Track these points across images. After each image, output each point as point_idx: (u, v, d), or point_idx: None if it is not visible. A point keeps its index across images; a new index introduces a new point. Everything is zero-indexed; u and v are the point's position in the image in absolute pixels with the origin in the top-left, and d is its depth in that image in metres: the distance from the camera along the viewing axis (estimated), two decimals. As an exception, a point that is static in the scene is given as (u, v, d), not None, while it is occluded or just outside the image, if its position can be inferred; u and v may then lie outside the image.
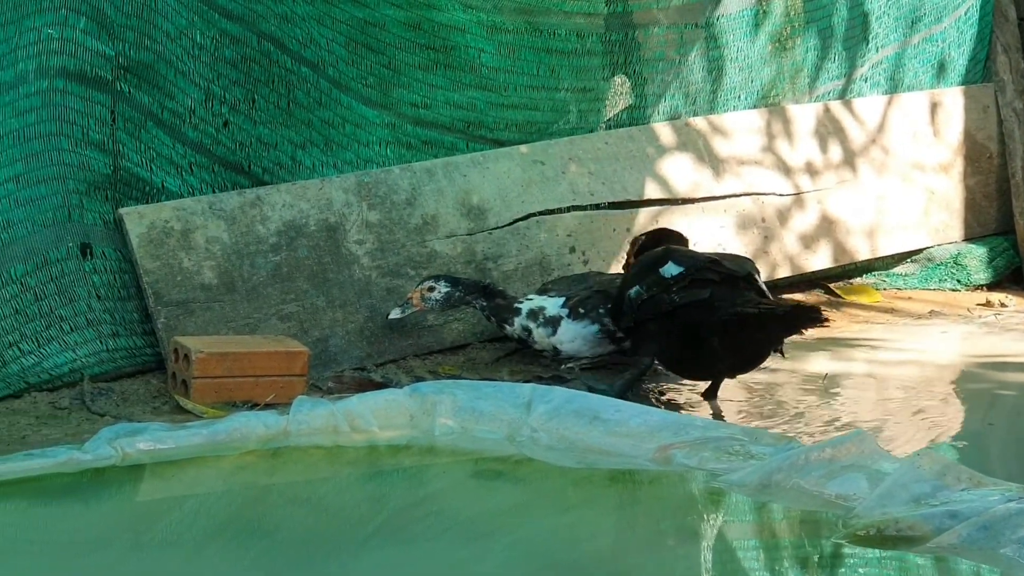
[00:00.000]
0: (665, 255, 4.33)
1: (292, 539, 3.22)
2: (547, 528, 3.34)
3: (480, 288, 4.52)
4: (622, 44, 5.17)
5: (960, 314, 5.37)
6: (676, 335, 4.23)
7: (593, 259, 4.91)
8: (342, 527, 3.36)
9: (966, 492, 3.10)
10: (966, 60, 5.93)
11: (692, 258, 4.30)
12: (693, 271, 4.22)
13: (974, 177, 5.83)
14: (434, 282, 4.48)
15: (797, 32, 5.51)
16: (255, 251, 4.46)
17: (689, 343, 4.23)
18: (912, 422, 4.22)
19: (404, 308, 4.49)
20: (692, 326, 4.20)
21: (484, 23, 4.89)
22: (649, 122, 5.23)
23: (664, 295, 4.22)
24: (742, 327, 4.16)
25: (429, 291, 4.47)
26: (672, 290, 4.21)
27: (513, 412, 3.75)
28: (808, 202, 5.43)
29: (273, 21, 4.54)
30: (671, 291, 4.21)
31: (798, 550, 3.21)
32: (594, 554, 3.20)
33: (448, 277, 4.52)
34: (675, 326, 4.22)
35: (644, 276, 4.31)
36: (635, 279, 4.34)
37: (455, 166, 4.83)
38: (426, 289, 4.47)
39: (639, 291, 4.28)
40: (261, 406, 4.04)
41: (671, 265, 4.26)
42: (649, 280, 4.27)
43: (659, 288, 4.24)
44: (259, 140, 4.56)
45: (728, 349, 4.20)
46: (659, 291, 4.23)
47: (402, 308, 4.49)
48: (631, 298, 4.29)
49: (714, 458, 3.50)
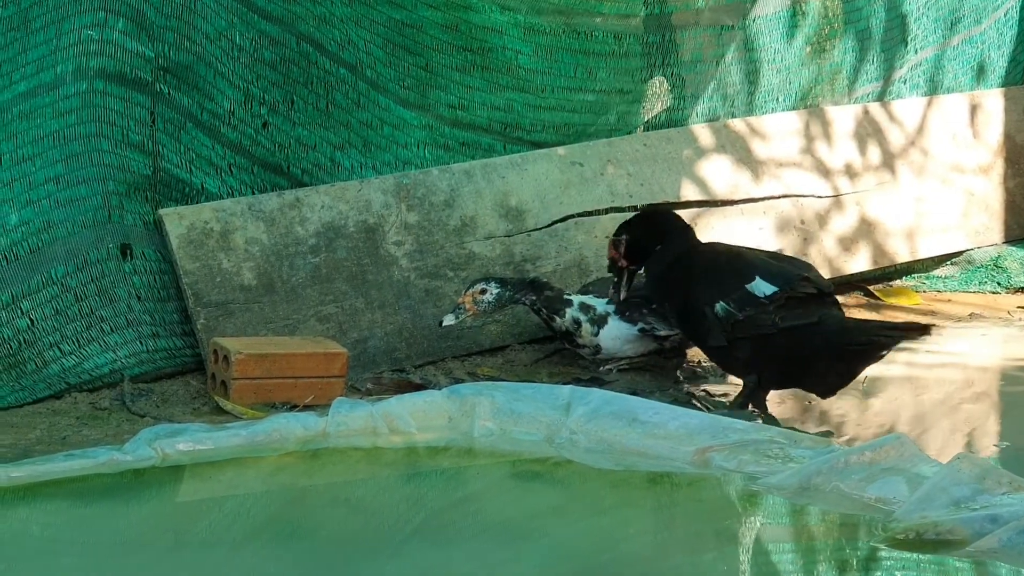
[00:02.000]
0: (748, 268, 4.16)
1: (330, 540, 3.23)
2: (585, 530, 3.34)
3: (528, 284, 4.53)
4: (659, 46, 5.16)
5: (1000, 317, 5.34)
6: (779, 359, 4.10)
7: (631, 261, 4.90)
8: (380, 528, 3.37)
9: (1006, 496, 3.09)
10: (1006, 62, 5.90)
11: (781, 274, 4.14)
12: (788, 289, 4.09)
13: (1014, 179, 5.80)
14: (484, 284, 4.46)
15: (835, 34, 5.50)
16: (294, 252, 4.47)
17: (792, 366, 4.10)
18: (952, 425, 4.19)
19: (457, 313, 4.45)
20: (798, 349, 4.07)
21: (521, 25, 4.89)
22: (687, 124, 5.22)
23: (763, 316, 4.07)
24: (855, 354, 4.08)
25: (481, 294, 4.45)
26: (769, 310, 4.07)
27: (552, 414, 3.75)
28: (847, 204, 5.41)
29: (311, 23, 4.55)
30: (768, 311, 4.07)
31: (836, 553, 3.20)
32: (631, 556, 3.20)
33: (496, 278, 4.51)
34: (777, 349, 4.09)
35: (727, 290, 4.12)
36: (714, 292, 4.13)
37: (493, 168, 4.83)
38: (478, 292, 4.45)
39: (728, 309, 4.10)
40: (300, 407, 4.05)
41: (761, 283, 4.11)
42: (738, 297, 4.10)
43: (753, 308, 4.08)
44: (298, 141, 4.58)
45: (835, 373, 4.11)
46: (754, 311, 4.08)
47: (455, 314, 4.45)
48: (719, 316, 4.11)
49: (753, 461, 3.49)
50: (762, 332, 4.08)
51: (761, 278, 4.12)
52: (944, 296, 5.52)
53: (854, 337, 4.08)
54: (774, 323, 4.07)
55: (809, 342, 4.06)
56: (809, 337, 4.06)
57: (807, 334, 4.06)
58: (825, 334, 4.06)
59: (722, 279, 4.18)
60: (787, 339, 4.07)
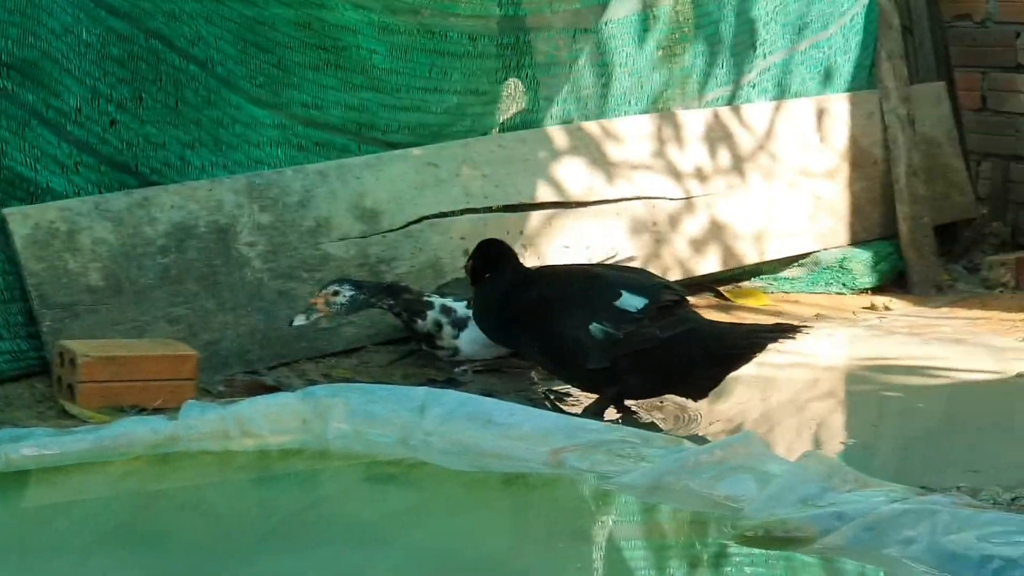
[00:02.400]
0: (609, 285, 4.12)
1: (181, 546, 3.19)
2: (440, 531, 3.34)
3: (385, 288, 4.50)
4: (514, 48, 5.18)
5: (846, 317, 5.45)
6: (657, 368, 4.09)
7: (485, 262, 4.91)
8: (232, 533, 3.33)
9: (852, 493, 3.15)
10: (852, 67, 6.02)
11: (643, 286, 4.13)
12: (656, 300, 4.08)
13: (859, 183, 5.93)
14: (338, 286, 4.43)
15: (686, 38, 5.56)
16: (143, 253, 4.40)
17: (669, 374, 4.12)
18: (799, 424, 4.27)
19: (309, 314, 4.42)
20: (677, 359, 4.08)
21: (375, 24, 4.87)
22: (542, 126, 5.24)
23: (643, 331, 4.05)
24: (734, 358, 4.12)
25: (334, 296, 4.42)
26: (646, 324, 4.06)
27: (407, 416, 3.74)
28: (698, 207, 5.48)
29: (160, 18, 4.48)
30: (646, 326, 4.06)
31: (687, 550, 3.24)
32: (487, 556, 3.21)
33: (351, 280, 4.47)
34: (657, 361, 4.08)
35: (597, 311, 4.07)
36: (584, 314, 4.07)
37: (348, 168, 4.81)
38: (331, 294, 4.42)
39: (605, 330, 4.06)
40: (149, 411, 3.99)
41: (628, 297, 4.09)
42: (610, 316, 4.06)
43: (630, 324, 4.05)
44: (147, 139, 4.51)
45: (709, 377, 4.14)
46: (632, 327, 4.05)
47: (307, 314, 4.42)
48: (598, 339, 4.06)
49: (606, 461, 3.52)
50: (646, 346, 4.05)
51: (627, 292, 4.10)
52: (791, 297, 5.61)
53: (735, 342, 4.11)
54: (656, 336, 4.06)
55: (688, 351, 4.08)
56: (688, 346, 4.08)
57: (686, 343, 4.08)
58: (704, 341, 4.09)
59: (587, 300, 4.13)
60: (667, 350, 4.07)
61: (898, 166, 5.96)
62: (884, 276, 5.82)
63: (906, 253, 5.88)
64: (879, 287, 5.79)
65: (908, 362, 4.87)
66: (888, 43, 6.05)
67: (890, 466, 3.99)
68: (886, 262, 5.84)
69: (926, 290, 5.80)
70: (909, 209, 5.92)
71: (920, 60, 6.28)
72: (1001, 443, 4.13)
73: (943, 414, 4.52)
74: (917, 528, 2.97)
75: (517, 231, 5.03)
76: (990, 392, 4.60)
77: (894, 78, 6.01)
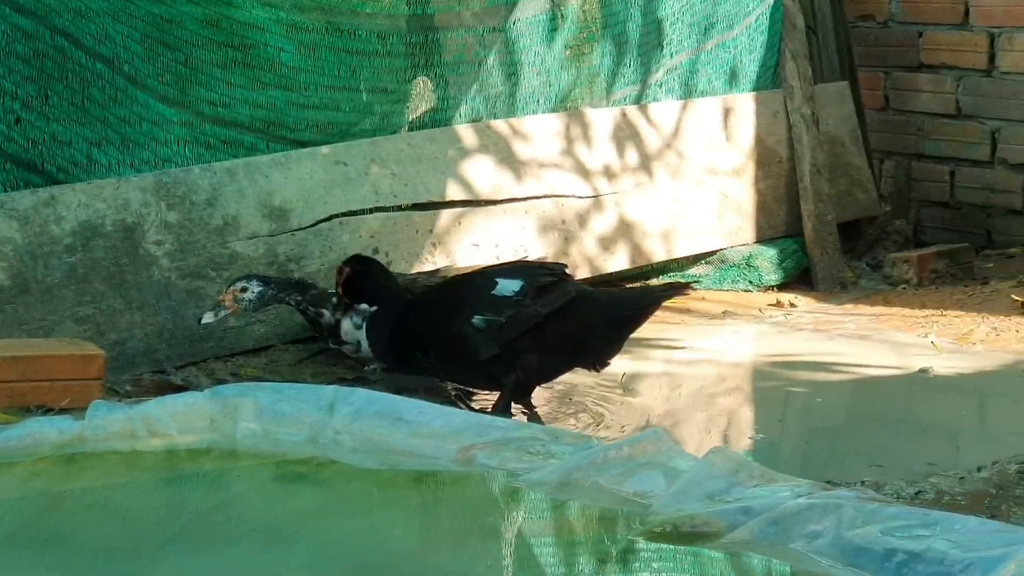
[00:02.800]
0: (483, 278, 4.20)
1: (88, 546, 3.16)
2: (350, 530, 3.34)
3: (293, 283, 4.50)
4: (423, 46, 5.18)
5: (752, 314, 5.50)
6: (553, 344, 4.14)
7: (396, 260, 4.91)
8: (139, 533, 3.31)
9: (758, 488, 3.18)
10: (757, 67, 6.08)
11: (517, 270, 4.21)
12: (531, 280, 4.14)
13: (765, 181, 5.99)
14: (246, 282, 4.41)
15: (593, 38, 5.59)
16: (49, 252, 4.36)
17: (567, 348, 4.17)
18: (707, 420, 4.32)
19: (217, 311, 4.40)
20: (572, 330, 4.14)
21: (283, 22, 4.85)
22: (451, 124, 5.25)
23: (524, 311, 4.10)
24: (630, 319, 4.20)
25: (242, 292, 4.40)
26: (526, 304, 4.11)
27: (316, 414, 3.73)
28: (606, 205, 5.52)
29: (67, 16, 4.44)
30: (525, 306, 4.11)
31: (595, 547, 3.26)
32: (397, 554, 3.21)
33: (258, 276, 4.46)
34: (555, 336, 4.13)
35: (476, 303, 4.13)
36: (464, 311, 4.13)
37: (256, 166, 4.78)
38: (238, 290, 4.40)
39: (487, 319, 4.10)
40: (56, 411, 3.95)
41: (504, 282, 4.15)
42: (489, 304, 4.11)
43: (510, 308, 4.11)
44: (53, 138, 4.46)
45: (608, 343, 4.21)
46: (514, 310, 4.10)
47: (215, 311, 4.40)
48: (481, 329, 4.11)
49: (515, 458, 3.53)
50: (531, 323, 4.11)
51: (502, 279, 4.17)
52: (698, 294, 5.65)
53: (633, 302, 4.21)
54: (538, 312, 4.12)
55: (580, 320, 4.14)
56: (579, 315, 4.14)
57: (576, 313, 4.14)
58: (597, 307, 4.17)
59: (466, 297, 4.19)
60: (555, 324, 4.12)
61: (802, 165, 6.03)
62: (789, 273, 5.89)
63: (811, 250, 5.95)
64: (785, 284, 5.85)
65: (813, 358, 4.93)
66: (792, 43, 6.12)
67: (796, 461, 4.04)
68: (791, 259, 5.91)
69: (831, 287, 5.88)
70: (813, 207, 6.00)
71: (824, 60, 6.36)
72: (904, 438, 4.20)
73: (847, 409, 4.59)
74: (822, 522, 3.01)
75: (427, 229, 5.03)
76: (894, 388, 4.66)
77: (798, 78, 6.09)
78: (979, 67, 6.27)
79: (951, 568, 2.80)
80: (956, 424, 4.45)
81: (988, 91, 6.26)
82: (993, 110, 6.25)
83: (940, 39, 6.36)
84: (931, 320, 5.36)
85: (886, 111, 6.56)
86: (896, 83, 6.51)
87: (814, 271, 5.93)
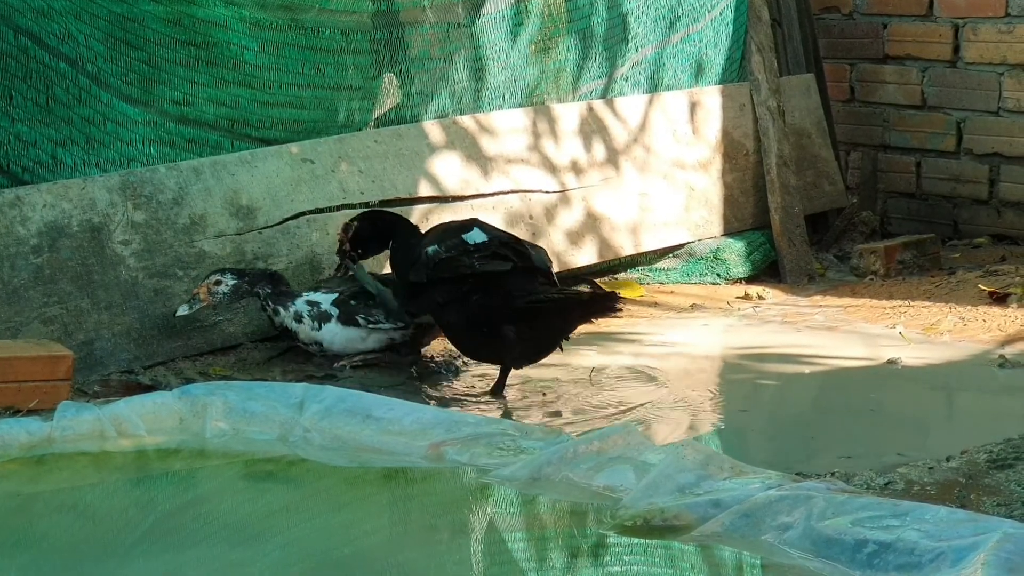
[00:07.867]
0: (471, 223, 4.36)
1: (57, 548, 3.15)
2: (321, 527, 3.34)
3: (267, 276, 4.54)
4: (388, 42, 5.17)
5: (720, 307, 5.52)
6: (470, 319, 4.24)
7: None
8: (109, 534, 3.30)
9: (728, 481, 3.19)
10: (723, 60, 6.09)
11: (498, 233, 4.35)
12: (497, 244, 4.26)
13: (732, 174, 6.01)
14: (220, 275, 4.47)
15: (558, 32, 5.60)
16: (15, 253, 4.33)
17: (483, 329, 4.24)
18: (677, 413, 4.32)
19: (192, 304, 4.44)
20: (487, 312, 4.21)
21: (246, 19, 4.84)
22: (418, 121, 5.25)
23: (464, 258, 4.23)
24: (538, 315, 4.22)
25: (216, 285, 4.45)
26: (474, 256, 4.23)
27: (285, 412, 3.73)
28: (574, 200, 5.52)
29: (29, 16, 4.41)
30: (472, 256, 4.23)
31: (567, 541, 3.26)
32: (368, 551, 3.21)
33: (233, 270, 4.52)
34: (469, 310, 4.23)
35: (446, 239, 4.30)
36: (436, 240, 4.32)
37: (223, 165, 4.77)
38: (213, 283, 4.45)
39: (437, 250, 4.27)
40: (23, 412, 3.93)
41: (477, 232, 4.30)
42: (451, 243, 4.28)
43: (459, 251, 4.25)
44: (17, 138, 4.44)
45: (523, 338, 4.24)
46: (459, 254, 4.24)
47: (189, 304, 4.44)
48: (428, 255, 4.28)
49: (485, 454, 3.54)
50: (459, 273, 4.21)
51: (479, 230, 4.31)
52: (667, 288, 5.67)
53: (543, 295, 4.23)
54: (471, 265, 4.21)
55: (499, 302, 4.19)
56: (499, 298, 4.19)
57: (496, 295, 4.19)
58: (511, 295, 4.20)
59: (448, 231, 4.37)
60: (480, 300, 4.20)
61: (769, 157, 6.05)
62: (757, 266, 5.91)
63: (778, 243, 5.97)
64: (753, 277, 5.86)
65: (782, 350, 4.95)
66: (758, 36, 6.13)
67: (765, 453, 4.05)
68: (759, 252, 5.93)
69: (798, 279, 5.90)
70: (780, 199, 6.02)
71: (789, 52, 6.38)
72: (874, 428, 4.22)
73: (816, 401, 4.60)
74: (793, 514, 3.02)
75: (394, 226, 5.02)
76: (862, 378, 4.68)
77: (764, 70, 6.10)
78: (944, 58, 6.31)
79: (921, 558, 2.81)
80: (925, 414, 4.48)
81: (953, 82, 6.29)
82: (958, 101, 6.29)
83: (905, 31, 6.39)
84: (899, 311, 5.38)
85: (852, 103, 6.58)
86: (862, 75, 6.54)
87: (782, 263, 5.95)
